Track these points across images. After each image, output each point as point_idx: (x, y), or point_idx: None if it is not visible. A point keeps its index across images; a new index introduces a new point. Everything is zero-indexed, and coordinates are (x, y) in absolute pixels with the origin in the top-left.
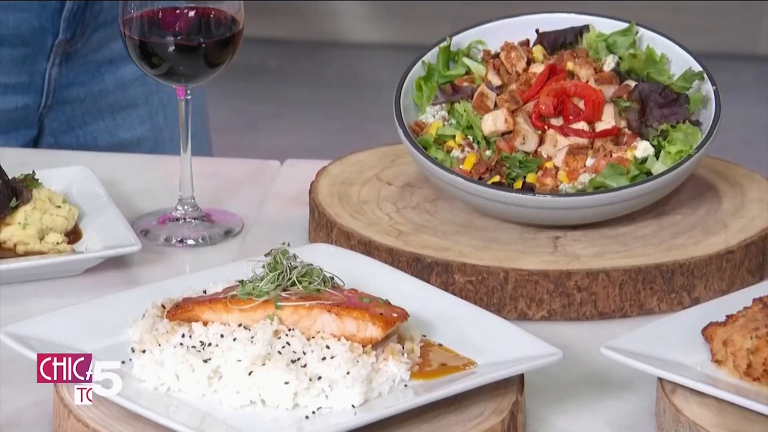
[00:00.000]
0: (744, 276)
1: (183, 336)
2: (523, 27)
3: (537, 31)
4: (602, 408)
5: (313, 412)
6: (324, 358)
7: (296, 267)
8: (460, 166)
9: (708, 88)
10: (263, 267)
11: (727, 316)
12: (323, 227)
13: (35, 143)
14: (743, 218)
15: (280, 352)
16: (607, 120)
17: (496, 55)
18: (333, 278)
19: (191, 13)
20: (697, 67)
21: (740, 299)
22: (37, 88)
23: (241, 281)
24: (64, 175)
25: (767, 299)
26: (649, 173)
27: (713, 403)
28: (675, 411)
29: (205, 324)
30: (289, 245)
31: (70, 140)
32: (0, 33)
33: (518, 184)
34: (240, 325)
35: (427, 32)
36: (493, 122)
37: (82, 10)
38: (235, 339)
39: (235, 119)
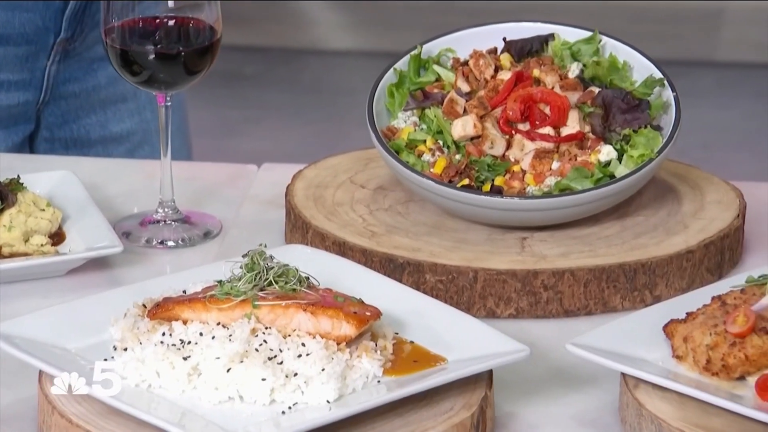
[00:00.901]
0: (703, 275)
1: (163, 334)
2: (491, 35)
3: (504, 39)
4: (568, 402)
5: (290, 408)
6: (300, 356)
7: (273, 267)
8: (431, 170)
9: (668, 95)
10: (241, 267)
11: (687, 313)
12: (299, 229)
13: (32, 137)
14: (702, 219)
15: (257, 350)
16: (572, 125)
17: (465, 63)
18: (308, 278)
19: (171, 23)
20: (658, 74)
21: (700, 297)
22: (37, 84)
23: (220, 281)
24: (48, 179)
25: (726, 297)
26: (612, 176)
27: (674, 398)
28: (638, 405)
29: (185, 323)
30: (266, 246)
31: (64, 133)
32: (6, 32)
33: (487, 187)
34: (218, 323)
35: (399, 40)
36: (462, 127)
37: (82, 10)
38: (213, 337)
39: (214, 124)
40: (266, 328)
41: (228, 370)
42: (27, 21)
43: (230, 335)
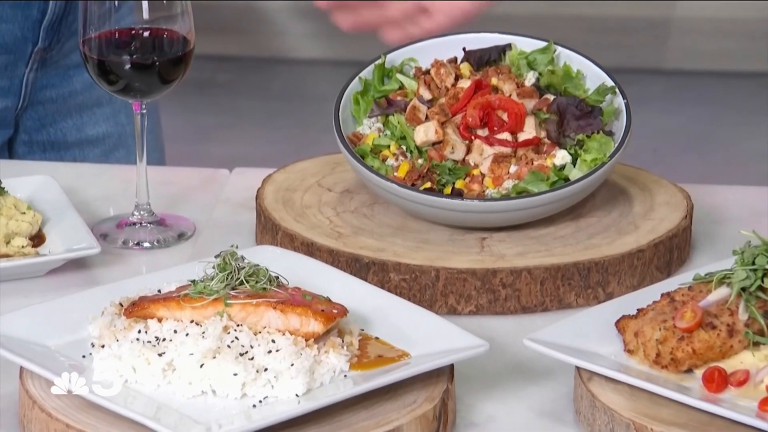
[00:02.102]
0: (653, 273)
1: (139, 332)
2: (452, 45)
3: (464, 49)
4: (525, 394)
5: (260, 401)
6: (270, 351)
7: (244, 267)
8: (395, 174)
9: (620, 101)
10: (213, 268)
11: (638, 309)
12: (269, 230)
13: (11, 140)
14: (652, 220)
15: (229, 346)
16: (529, 131)
17: (427, 72)
18: (278, 277)
19: (146, 34)
20: (610, 82)
21: (650, 294)
22: (16, 91)
23: (193, 281)
24: (28, 183)
25: (674, 294)
26: (567, 179)
27: (626, 390)
28: (591, 397)
29: (160, 320)
30: (237, 247)
31: (41, 137)
32: None
33: (448, 190)
34: (192, 321)
35: (364, 50)
36: (424, 133)
37: (59, 21)
38: (187, 334)
39: (188, 130)
40: (238, 325)
41: (201, 366)
42: (6, 32)
43: (203, 332)
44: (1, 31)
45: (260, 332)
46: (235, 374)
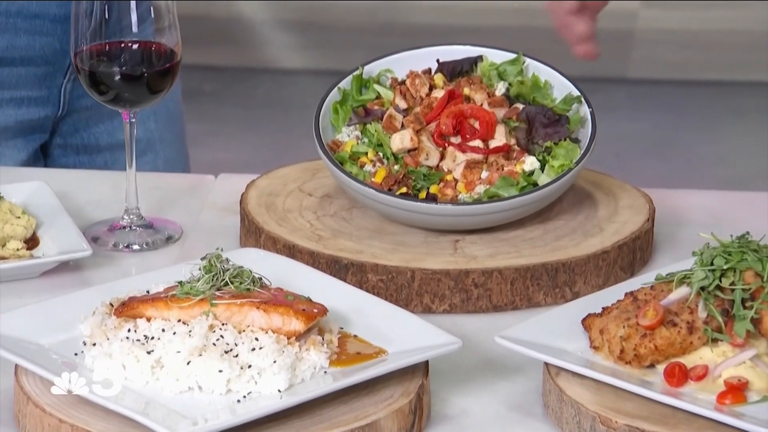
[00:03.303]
0: (617, 273)
1: (129, 330)
2: (426, 57)
3: (438, 61)
4: (496, 389)
5: (244, 397)
6: (253, 349)
7: (229, 269)
8: (372, 179)
9: (585, 110)
10: (200, 269)
11: (603, 308)
12: (252, 233)
13: (46, 143)
14: (616, 223)
15: (214, 344)
16: (499, 138)
17: (403, 82)
18: (261, 279)
19: (135, 47)
20: (576, 92)
21: (614, 293)
22: (55, 100)
23: (180, 282)
24: (23, 189)
25: (637, 293)
26: (535, 184)
27: (592, 384)
28: (559, 391)
29: (149, 320)
30: (222, 250)
31: (75, 141)
32: (29, 55)
33: (423, 195)
34: (179, 320)
35: (343, 60)
36: (400, 140)
37: None
38: (175, 333)
39: None
40: (223, 324)
41: (188, 363)
42: (46, 45)
43: (190, 331)
44: (41, 44)
45: (244, 331)
46: (221, 371)
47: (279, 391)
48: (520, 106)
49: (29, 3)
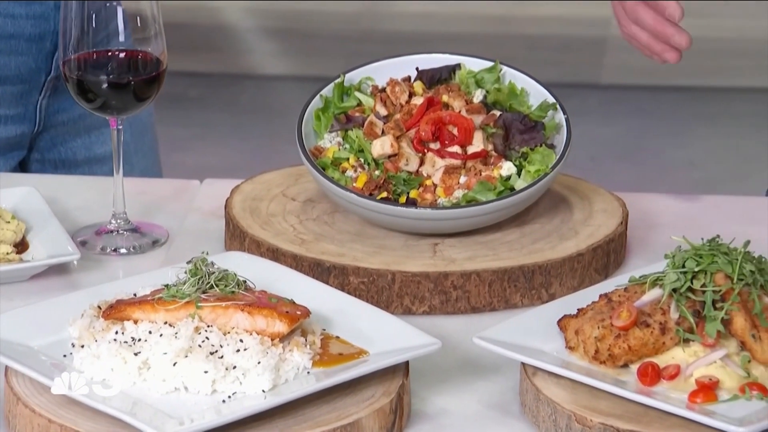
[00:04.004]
0: (592, 275)
1: (116, 333)
2: (406, 65)
3: (417, 68)
4: (475, 388)
5: (229, 397)
6: (238, 350)
7: (214, 272)
8: (354, 184)
9: (560, 117)
10: (185, 272)
11: (578, 309)
12: (237, 237)
13: (24, 159)
14: (591, 226)
15: (200, 346)
16: (477, 144)
17: (383, 90)
18: (245, 281)
19: (121, 55)
20: (551, 99)
21: (589, 295)
22: (31, 117)
23: (167, 285)
24: (12, 194)
25: (611, 295)
26: (512, 189)
27: (567, 384)
28: (536, 390)
29: (136, 322)
30: (207, 253)
31: (53, 155)
32: (4, 74)
33: (402, 199)
34: (165, 322)
35: (325, 66)
36: (381, 146)
37: None
38: (161, 335)
39: (162, 141)
40: (208, 326)
41: (174, 364)
42: (22, 63)
43: (176, 333)
44: (17, 63)
45: (229, 332)
46: (206, 372)
47: (263, 391)
48: (497, 113)
49: (4, 23)
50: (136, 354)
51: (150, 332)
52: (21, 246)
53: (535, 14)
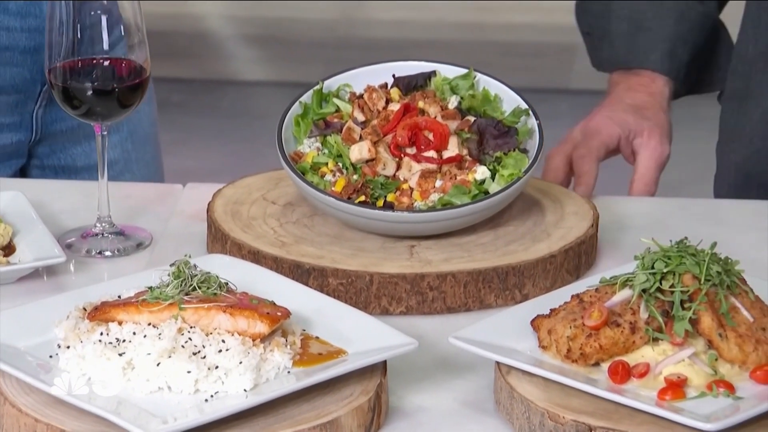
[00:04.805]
0: (564, 276)
1: (101, 334)
2: (382, 72)
3: (393, 76)
4: (451, 387)
5: (212, 396)
6: (220, 351)
7: (196, 275)
8: (332, 188)
9: (533, 122)
10: (169, 275)
11: (551, 309)
12: (219, 240)
13: (24, 166)
14: (563, 228)
15: (183, 346)
16: (452, 149)
17: (361, 96)
18: (227, 283)
19: (106, 63)
20: (524, 105)
21: (561, 295)
22: (27, 126)
23: (150, 287)
24: (0, 199)
25: (583, 295)
26: (486, 192)
27: (540, 382)
28: (510, 388)
29: (120, 323)
30: (190, 256)
31: (53, 162)
32: (0, 84)
33: (380, 203)
34: (149, 324)
35: (304, 72)
36: (358, 151)
37: None
38: (145, 335)
39: None
40: (191, 327)
41: (158, 364)
42: (17, 74)
43: (160, 334)
44: (12, 73)
45: (211, 333)
46: (189, 372)
47: (245, 390)
48: (472, 119)
49: None
50: (120, 354)
51: (134, 333)
52: (8, 249)
53: (507, 22)
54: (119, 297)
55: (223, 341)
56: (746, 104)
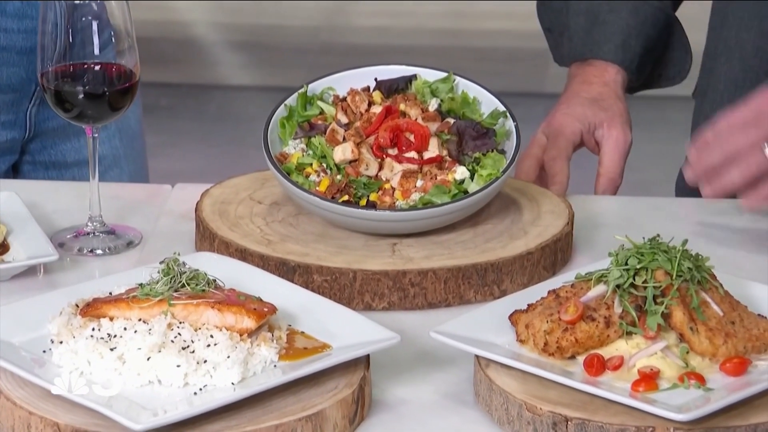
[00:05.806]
0: (541, 272)
1: (93, 329)
2: (365, 76)
3: (376, 79)
4: (432, 380)
5: (201, 389)
6: (209, 345)
7: (185, 272)
8: (317, 188)
9: (510, 124)
10: (158, 272)
11: (528, 304)
12: (207, 239)
13: (16, 162)
14: (539, 226)
15: (173, 341)
16: (432, 150)
17: (344, 99)
18: (215, 280)
19: (97, 68)
20: (501, 108)
21: (538, 291)
22: (21, 123)
23: (141, 284)
24: None
25: (559, 291)
26: (466, 192)
27: (518, 375)
28: (489, 381)
29: (111, 319)
30: (179, 254)
31: (44, 158)
32: None
33: (363, 202)
34: (140, 319)
35: (288, 77)
36: (342, 152)
37: None
38: (136, 331)
39: None
40: (180, 323)
41: (148, 359)
42: (13, 74)
43: (150, 329)
44: (8, 73)
45: (200, 328)
46: (178, 366)
47: (232, 383)
48: (451, 121)
49: None
50: (112, 349)
51: (125, 329)
52: (2, 248)
53: (484, 29)
54: (110, 294)
55: (212, 336)
56: (708, 99)
